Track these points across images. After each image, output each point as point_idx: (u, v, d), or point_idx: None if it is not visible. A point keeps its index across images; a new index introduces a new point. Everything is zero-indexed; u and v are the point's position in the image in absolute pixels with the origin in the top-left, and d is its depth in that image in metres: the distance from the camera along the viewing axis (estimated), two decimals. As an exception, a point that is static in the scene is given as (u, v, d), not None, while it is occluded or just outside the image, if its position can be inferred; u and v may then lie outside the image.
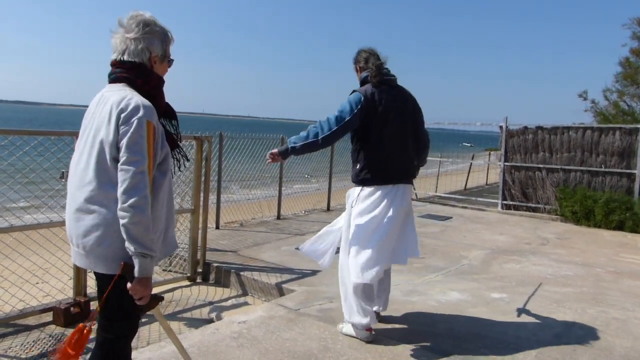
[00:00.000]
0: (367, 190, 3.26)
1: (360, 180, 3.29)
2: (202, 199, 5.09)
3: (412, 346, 3.23)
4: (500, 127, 9.77)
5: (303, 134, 3.25)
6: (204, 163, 5.05)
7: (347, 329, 3.35)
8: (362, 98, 3.21)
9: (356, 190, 3.33)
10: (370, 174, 3.25)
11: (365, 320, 3.21)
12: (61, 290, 4.18)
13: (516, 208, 9.61)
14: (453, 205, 10.17)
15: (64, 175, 3.62)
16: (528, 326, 3.68)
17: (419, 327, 3.56)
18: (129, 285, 1.79)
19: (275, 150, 3.31)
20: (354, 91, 3.31)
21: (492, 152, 18.49)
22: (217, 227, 6.76)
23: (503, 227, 7.99)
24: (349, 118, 3.18)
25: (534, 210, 9.37)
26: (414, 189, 3.40)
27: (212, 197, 6.50)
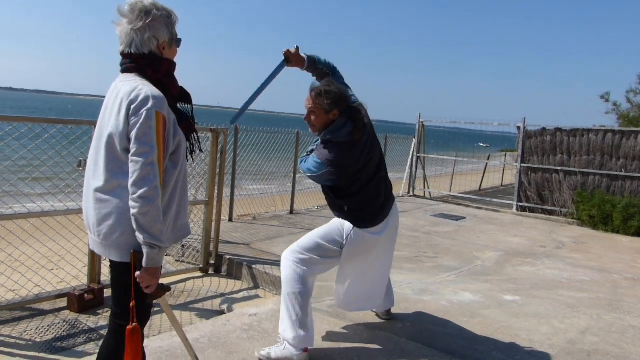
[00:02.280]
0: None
1: (349, 219, 3.09)
2: (216, 191, 5.10)
3: (422, 346, 3.21)
4: (518, 128, 9.65)
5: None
6: (219, 155, 5.07)
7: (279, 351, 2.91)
8: None
9: (346, 225, 3.05)
10: (355, 217, 3.08)
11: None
12: (75, 277, 4.24)
13: (531, 210, 9.49)
14: (467, 206, 10.08)
15: (81, 164, 3.66)
16: (541, 330, 3.63)
17: (430, 327, 3.53)
18: (137, 273, 1.81)
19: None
20: (323, 149, 2.88)
21: (508, 153, 18.30)
22: (230, 220, 6.78)
23: (518, 229, 7.90)
24: None
25: (550, 213, 9.25)
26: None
27: (226, 190, 6.53)
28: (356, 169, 2.85)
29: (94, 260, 3.95)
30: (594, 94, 15.51)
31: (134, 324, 1.86)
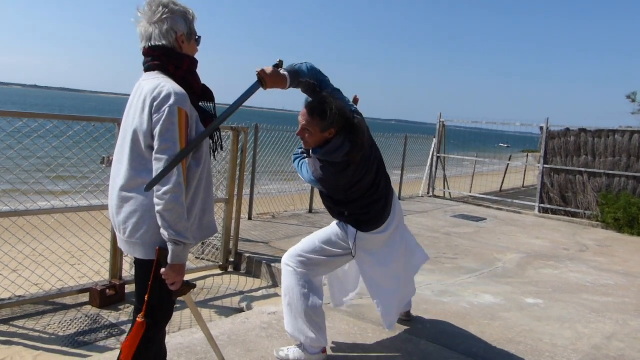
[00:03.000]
0: None
1: (349, 222, 2.96)
2: (236, 189, 5.13)
3: (442, 347, 3.17)
4: (541, 128, 9.49)
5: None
6: (239, 154, 5.08)
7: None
8: None
9: (350, 229, 2.92)
10: (356, 221, 2.94)
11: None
12: (97, 272, 4.30)
13: (554, 212, 9.33)
14: (487, 206, 9.95)
15: (104, 160, 3.71)
16: (565, 334, 3.56)
17: (449, 329, 3.49)
18: (162, 270, 1.82)
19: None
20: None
21: (529, 154, 18.01)
22: (250, 218, 6.81)
23: (539, 230, 7.77)
24: None
25: (573, 215, 9.08)
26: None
27: (246, 188, 6.56)
28: (352, 183, 2.65)
29: (116, 255, 4.00)
30: (620, 93, 15.15)
31: (143, 319, 1.87)
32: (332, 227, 2.92)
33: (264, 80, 2.32)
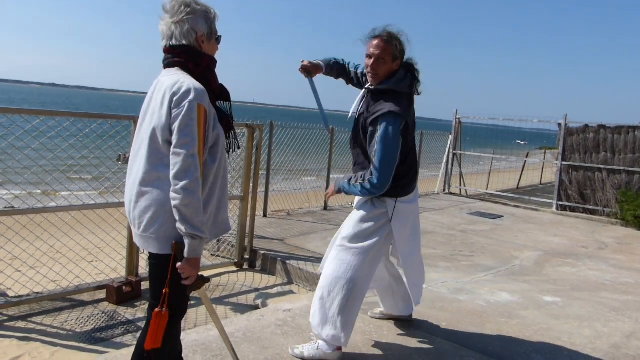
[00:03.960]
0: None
1: (394, 193, 2.90)
2: (251, 186, 5.14)
3: (459, 346, 3.14)
4: (559, 125, 9.34)
5: (354, 186, 2.81)
6: (254, 151, 5.09)
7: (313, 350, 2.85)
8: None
9: (389, 200, 2.88)
10: (394, 188, 2.96)
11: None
12: (114, 269, 4.34)
13: (572, 209, 9.19)
14: (505, 204, 9.84)
15: (120, 158, 3.74)
16: (583, 333, 3.50)
17: (466, 327, 3.46)
18: (178, 264, 1.83)
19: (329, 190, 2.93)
20: (395, 114, 2.69)
21: (547, 151, 17.75)
22: (265, 215, 6.82)
23: (557, 228, 7.66)
24: None
25: (592, 212, 8.93)
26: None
27: (261, 186, 6.58)
28: (412, 126, 2.81)
29: (132, 253, 4.04)
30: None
31: (162, 310, 1.87)
32: (361, 209, 2.90)
33: (309, 69, 2.89)
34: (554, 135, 9.67)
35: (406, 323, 3.41)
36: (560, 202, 9.31)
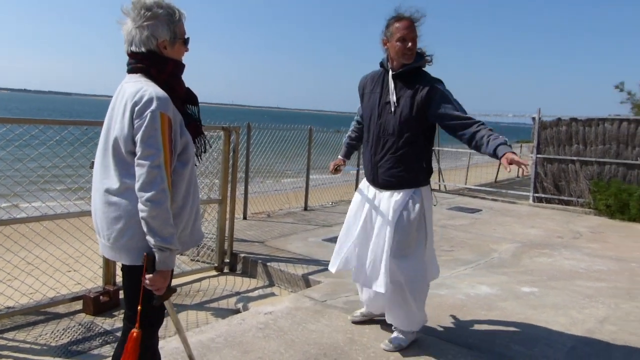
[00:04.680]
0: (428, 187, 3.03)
1: (426, 179, 3.01)
2: (229, 189, 5.10)
3: (440, 340, 3.17)
4: (533, 119, 9.51)
5: (492, 134, 2.69)
6: (231, 154, 5.06)
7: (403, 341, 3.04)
8: None
9: (424, 190, 2.98)
10: (429, 173, 3.04)
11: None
12: (91, 279, 4.26)
13: (548, 201, 9.36)
14: (483, 198, 9.97)
15: (93, 165, 3.67)
16: (560, 321, 3.57)
17: (447, 321, 3.49)
18: (148, 276, 1.78)
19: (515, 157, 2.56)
20: (441, 81, 2.89)
21: (523, 144, 18.04)
22: (245, 218, 6.79)
23: (534, 220, 7.79)
24: None
25: (567, 203, 9.11)
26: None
27: (240, 188, 6.54)
28: None
29: (109, 261, 3.96)
30: (610, 83, 15.31)
31: (138, 330, 1.84)
32: (404, 210, 2.89)
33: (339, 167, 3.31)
34: (529, 129, 9.84)
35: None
36: (537, 194, 9.48)
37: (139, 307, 1.84)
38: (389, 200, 2.92)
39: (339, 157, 3.38)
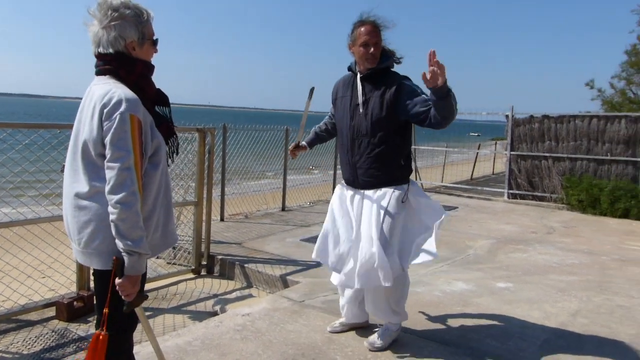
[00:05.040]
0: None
1: (406, 176, 3.02)
2: (205, 191, 5.07)
3: (417, 337, 3.21)
4: (507, 116, 9.69)
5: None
6: (207, 156, 5.02)
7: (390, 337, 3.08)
8: None
9: (405, 187, 2.97)
10: (409, 169, 3.04)
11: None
12: (64, 285, 4.17)
13: (522, 197, 9.54)
14: (459, 195, 10.11)
15: (64, 169, 3.60)
16: (533, 315, 3.65)
17: (423, 318, 3.53)
18: (117, 280, 1.76)
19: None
20: (408, 78, 2.91)
21: (498, 142, 18.36)
22: (222, 220, 6.75)
23: (509, 216, 7.93)
24: None
25: (541, 199, 9.30)
26: None
27: (217, 190, 6.50)
28: None
29: (83, 266, 3.90)
30: (581, 81, 15.68)
31: (104, 333, 1.81)
32: (383, 203, 2.89)
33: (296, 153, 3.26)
34: (503, 126, 10.02)
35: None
36: (511, 191, 9.65)
37: (105, 310, 1.81)
38: (371, 199, 2.93)
39: (303, 142, 3.30)
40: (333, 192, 3.27)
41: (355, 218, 2.98)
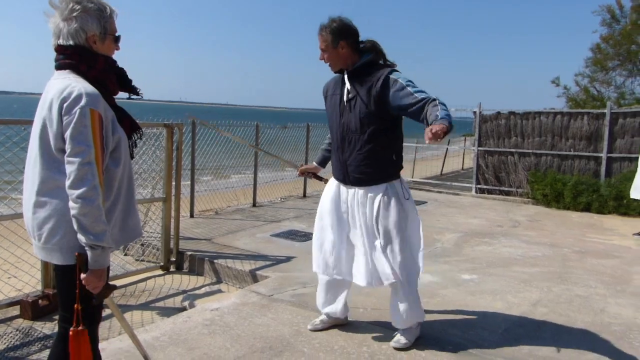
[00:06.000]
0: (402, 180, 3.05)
1: (397, 172, 3.01)
2: (173, 187, 5.03)
3: (381, 328, 3.28)
4: (474, 113, 9.89)
5: (443, 111, 2.59)
6: (175, 153, 4.99)
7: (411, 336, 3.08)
8: None
9: (397, 183, 2.98)
10: (400, 165, 3.04)
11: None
12: (29, 284, 4.10)
13: (490, 192, 9.76)
14: (428, 190, 10.28)
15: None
16: (496, 306, 3.77)
17: (389, 310, 3.60)
18: (82, 275, 1.76)
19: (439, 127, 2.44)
20: (394, 70, 2.89)
21: (467, 138, 18.70)
22: (192, 216, 6.71)
23: (477, 210, 8.11)
24: None
25: (507, 193, 9.54)
26: None
27: (186, 186, 6.46)
28: None
29: (48, 264, 3.83)
30: (547, 78, 16.11)
31: (78, 328, 1.81)
32: (392, 213, 2.92)
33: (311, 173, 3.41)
34: (471, 122, 10.22)
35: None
36: (479, 186, 9.87)
37: (76, 306, 1.81)
38: (364, 197, 2.94)
39: (314, 163, 3.37)
40: (304, 188, 3.30)
41: (350, 220, 3.02)
